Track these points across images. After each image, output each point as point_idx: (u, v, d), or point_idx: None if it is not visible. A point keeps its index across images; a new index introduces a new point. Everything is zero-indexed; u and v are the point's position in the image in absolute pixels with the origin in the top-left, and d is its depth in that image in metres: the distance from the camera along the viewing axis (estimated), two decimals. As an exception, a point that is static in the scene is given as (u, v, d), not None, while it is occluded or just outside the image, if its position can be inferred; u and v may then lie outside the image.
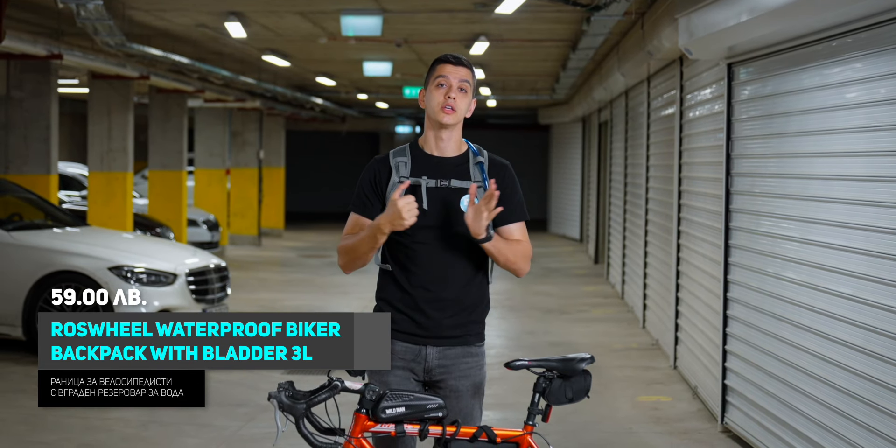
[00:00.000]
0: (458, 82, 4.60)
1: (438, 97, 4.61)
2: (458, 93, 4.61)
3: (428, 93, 4.65)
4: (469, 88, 4.64)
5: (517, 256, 4.62)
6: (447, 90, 4.60)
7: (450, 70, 4.61)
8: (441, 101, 4.59)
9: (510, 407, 9.00)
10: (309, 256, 22.98)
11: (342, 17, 13.03)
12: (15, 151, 14.06)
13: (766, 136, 7.77)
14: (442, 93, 4.60)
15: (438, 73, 4.63)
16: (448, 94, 4.59)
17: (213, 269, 11.64)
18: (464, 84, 4.62)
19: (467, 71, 4.64)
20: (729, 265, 8.57)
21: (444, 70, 4.62)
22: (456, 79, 4.60)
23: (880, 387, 5.77)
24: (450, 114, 4.59)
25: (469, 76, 4.64)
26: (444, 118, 4.59)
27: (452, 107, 4.59)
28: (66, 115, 28.61)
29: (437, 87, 4.62)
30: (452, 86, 4.60)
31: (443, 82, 4.61)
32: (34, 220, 12.09)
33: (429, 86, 4.65)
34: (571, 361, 4.37)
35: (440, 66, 4.64)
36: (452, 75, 4.61)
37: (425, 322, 4.60)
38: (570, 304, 16.03)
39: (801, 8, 6.20)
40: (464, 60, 4.66)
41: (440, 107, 4.59)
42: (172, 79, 17.26)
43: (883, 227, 5.82)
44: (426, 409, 4.14)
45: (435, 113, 4.61)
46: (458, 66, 4.62)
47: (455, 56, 4.67)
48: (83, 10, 10.74)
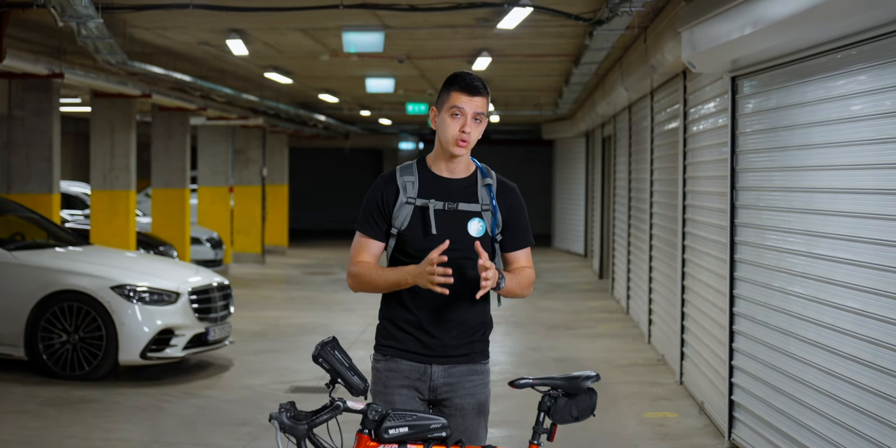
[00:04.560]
0: (473, 114, 4.51)
1: (453, 130, 4.51)
2: (473, 123, 4.53)
3: (441, 119, 4.56)
4: (483, 119, 4.56)
5: (521, 288, 4.63)
6: (462, 124, 4.51)
7: (465, 101, 4.51)
8: (456, 134, 4.51)
9: (515, 424, 8.93)
10: (313, 273, 22.93)
11: (344, 33, 13.01)
12: (17, 170, 14.04)
13: (770, 150, 7.73)
14: (457, 125, 4.51)
15: (454, 103, 4.52)
16: (463, 128, 4.51)
17: (216, 288, 11.59)
18: (479, 115, 4.53)
19: (483, 100, 4.54)
20: (735, 279, 8.52)
21: (459, 100, 4.51)
22: (472, 110, 4.51)
23: (888, 401, 5.71)
24: (464, 146, 4.53)
25: (484, 105, 4.54)
26: (457, 151, 4.54)
27: (466, 140, 4.52)
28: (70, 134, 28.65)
29: (452, 117, 4.52)
30: (468, 119, 4.51)
31: (458, 112, 4.51)
32: (36, 239, 12.05)
33: (442, 111, 4.56)
34: (576, 380, 4.31)
35: (455, 95, 4.52)
36: (468, 106, 4.51)
37: (430, 342, 4.57)
38: (576, 319, 15.96)
39: (805, 20, 6.16)
40: (480, 89, 4.53)
41: (454, 140, 4.52)
42: (175, 97, 17.25)
43: (890, 241, 5.76)
44: (430, 428, 4.09)
45: (448, 143, 4.54)
46: (475, 97, 4.51)
47: (470, 84, 4.53)
48: (84, 29, 10.70)
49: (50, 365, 10.77)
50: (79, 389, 10.37)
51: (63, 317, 10.77)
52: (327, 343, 4.15)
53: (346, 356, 4.13)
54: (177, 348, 10.94)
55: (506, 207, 4.61)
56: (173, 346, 10.92)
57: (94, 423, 9.14)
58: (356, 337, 13.61)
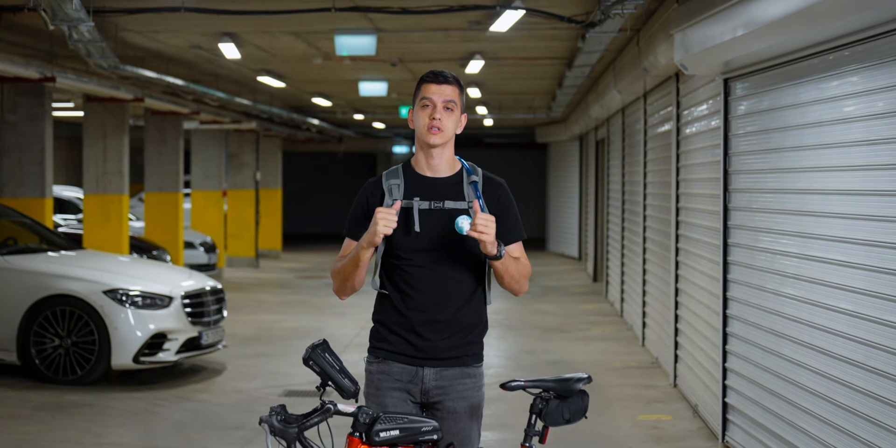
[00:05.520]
0: (442, 102, 4.52)
1: (424, 118, 4.53)
2: (444, 112, 4.53)
3: (415, 113, 4.59)
4: (456, 107, 4.56)
5: (521, 275, 4.58)
6: (432, 111, 4.53)
7: (433, 90, 4.53)
8: (426, 122, 4.52)
9: (509, 427, 8.92)
10: (307, 277, 22.91)
11: (336, 36, 13.01)
12: (9, 175, 14.01)
13: (763, 152, 7.72)
14: (427, 114, 4.53)
15: (423, 94, 4.55)
16: (433, 115, 4.52)
17: (208, 292, 11.57)
18: (449, 103, 4.53)
19: (452, 88, 4.55)
20: (728, 282, 8.51)
21: (427, 90, 4.54)
22: (440, 99, 4.52)
23: (881, 403, 5.70)
24: (436, 134, 4.52)
25: (454, 94, 4.55)
26: (431, 139, 4.53)
27: (438, 127, 4.52)
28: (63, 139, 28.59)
29: (423, 108, 4.55)
30: (437, 106, 4.52)
31: (427, 103, 4.53)
32: (29, 243, 12.02)
33: (415, 106, 4.59)
34: (568, 382, 4.30)
35: (424, 87, 4.56)
36: (437, 95, 4.53)
37: (421, 344, 4.54)
38: (570, 322, 15.95)
39: (797, 21, 6.15)
40: (448, 77, 4.57)
41: (426, 128, 4.53)
42: (167, 101, 17.23)
43: (882, 242, 5.76)
44: (421, 431, 4.07)
45: (422, 134, 4.55)
46: (443, 85, 4.54)
47: (438, 74, 4.58)
48: (75, 33, 10.68)
49: (42, 369, 10.74)
50: (71, 394, 10.34)
51: (55, 321, 10.75)
52: (318, 346, 4.13)
53: (337, 359, 4.12)
54: (170, 352, 10.91)
55: (493, 203, 4.59)
56: (166, 351, 10.89)
57: (87, 427, 9.11)
58: (350, 341, 13.58)
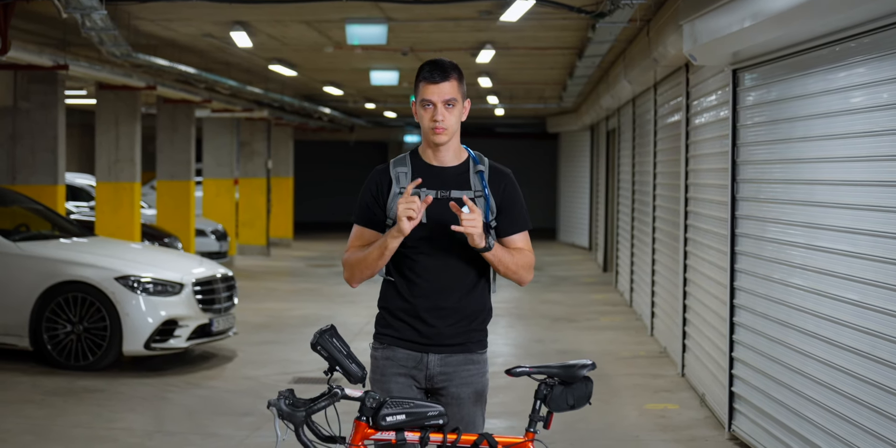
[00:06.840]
0: (442, 102, 4.52)
1: (426, 120, 4.54)
2: (446, 110, 4.53)
3: (416, 109, 4.60)
4: (457, 102, 4.55)
5: (518, 266, 4.59)
6: (433, 112, 4.53)
7: (432, 91, 4.51)
8: (429, 124, 4.54)
9: (517, 415, 8.96)
10: (317, 266, 22.97)
11: (347, 25, 13.03)
12: (22, 162, 14.07)
13: (771, 142, 7.75)
14: (429, 115, 4.54)
15: (422, 95, 4.54)
16: (435, 117, 4.53)
17: (219, 279, 11.63)
18: (449, 101, 4.52)
19: (450, 84, 4.52)
20: (735, 272, 8.54)
21: (426, 92, 4.52)
22: (440, 99, 4.51)
23: (887, 393, 5.73)
24: (441, 133, 4.54)
25: (453, 90, 4.53)
26: (436, 139, 4.56)
27: (443, 127, 4.54)
28: (76, 127, 28.68)
29: (424, 109, 4.55)
30: (438, 107, 4.52)
31: (427, 103, 4.53)
32: (41, 230, 12.09)
33: (416, 100, 4.59)
34: (572, 368, 4.34)
35: (422, 87, 4.54)
36: (436, 96, 4.51)
37: (426, 330, 4.59)
38: (579, 312, 15.99)
39: (804, 13, 6.18)
40: (445, 72, 4.52)
41: (430, 129, 4.55)
42: (179, 89, 17.27)
43: (889, 233, 5.78)
44: (427, 416, 4.11)
45: (427, 133, 4.58)
46: (440, 84, 4.51)
47: (433, 70, 4.52)
48: (88, 21, 10.73)
49: (54, 355, 10.82)
50: (83, 379, 10.41)
51: (67, 307, 10.82)
52: (325, 331, 4.18)
53: (345, 344, 4.16)
54: (180, 339, 10.98)
55: (499, 192, 4.62)
56: (177, 337, 10.96)
57: (98, 412, 9.18)
58: (360, 328, 13.64)
